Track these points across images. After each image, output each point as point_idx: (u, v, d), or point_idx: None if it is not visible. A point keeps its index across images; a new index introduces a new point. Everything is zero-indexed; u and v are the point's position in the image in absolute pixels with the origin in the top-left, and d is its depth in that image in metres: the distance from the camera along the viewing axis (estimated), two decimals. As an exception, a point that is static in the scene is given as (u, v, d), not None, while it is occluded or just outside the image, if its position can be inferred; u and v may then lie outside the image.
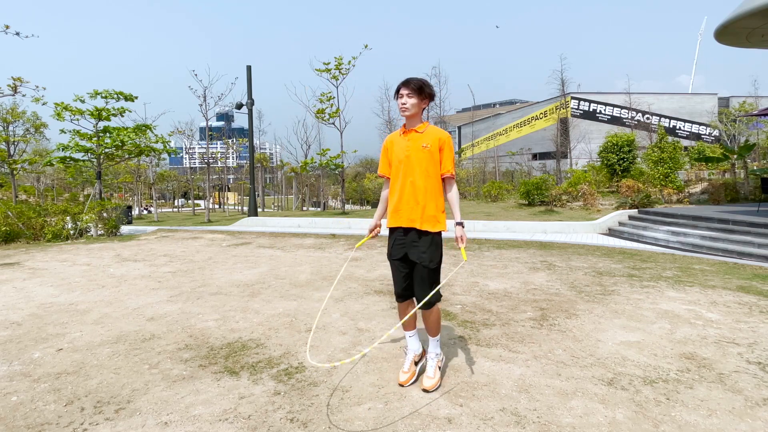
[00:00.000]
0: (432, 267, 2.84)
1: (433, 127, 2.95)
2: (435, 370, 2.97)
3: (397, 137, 2.99)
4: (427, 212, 2.85)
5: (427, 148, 2.86)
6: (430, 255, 2.84)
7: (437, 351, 3.02)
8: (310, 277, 6.38)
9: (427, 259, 2.83)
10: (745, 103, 28.41)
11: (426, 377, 2.94)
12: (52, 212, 11.87)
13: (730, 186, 14.54)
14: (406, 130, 2.93)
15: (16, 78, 12.94)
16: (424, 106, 2.93)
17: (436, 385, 2.91)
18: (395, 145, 2.98)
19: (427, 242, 2.85)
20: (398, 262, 2.95)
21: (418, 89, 2.85)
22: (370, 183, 31.92)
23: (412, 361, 3.08)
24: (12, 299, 5.33)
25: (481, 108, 64.82)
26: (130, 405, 2.78)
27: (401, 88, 2.88)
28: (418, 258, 2.85)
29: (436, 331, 2.99)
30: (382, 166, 3.09)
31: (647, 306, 4.71)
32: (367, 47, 18.84)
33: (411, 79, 2.89)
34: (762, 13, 9.34)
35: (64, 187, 34.90)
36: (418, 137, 2.88)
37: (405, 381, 2.97)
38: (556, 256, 7.75)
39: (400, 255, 2.93)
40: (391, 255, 2.99)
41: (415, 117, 2.90)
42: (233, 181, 41.29)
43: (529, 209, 15.34)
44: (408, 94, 2.85)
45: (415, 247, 2.87)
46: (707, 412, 2.62)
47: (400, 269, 2.95)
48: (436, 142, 2.87)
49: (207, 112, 20.13)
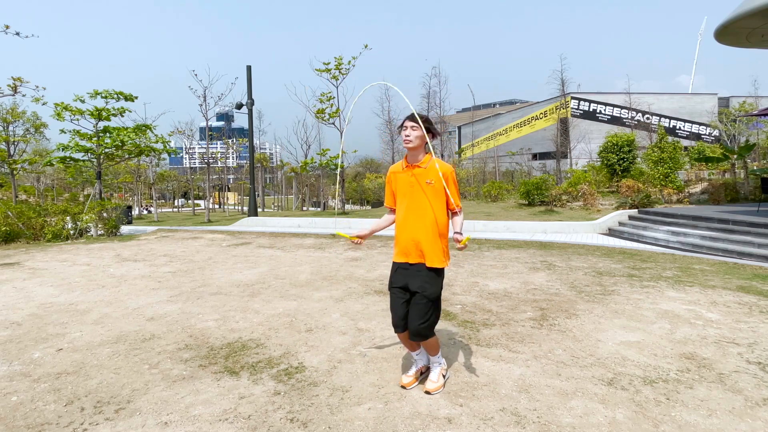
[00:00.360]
0: (431, 298, 2.84)
1: (436, 160, 2.95)
2: (439, 376, 3.00)
3: (400, 171, 3.00)
4: (432, 249, 2.86)
5: (432, 184, 2.88)
6: (432, 287, 2.85)
7: (440, 361, 3.05)
8: (310, 277, 6.38)
9: (429, 290, 2.84)
10: (745, 103, 28.41)
11: (429, 380, 2.97)
12: (52, 212, 11.87)
13: (730, 186, 14.54)
14: (409, 165, 2.95)
15: (16, 78, 12.94)
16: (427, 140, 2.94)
17: (439, 390, 2.92)
18: (399, 179, 3.00)
19: (430, 275, 2.87)
20: (398, 290, 2.95)
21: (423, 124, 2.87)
22: (370, 183, 31.93)
23: (418, 370, 3.11)
24: (12, 299, 5.33)
25: (481, 108, 64.85)
26: (130, 405, 2.78)
27: (405, 121, 2.91)
28: (419, 288, 2.85)
29: (434, 351, 3.01)
30: (388, 199, 3.13)
31: (647, 306, 4.71)
32: (367, 47, 18.84)
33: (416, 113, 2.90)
34: (762, 13, 9.34)
35: (64, 187, 34.89)
36: (422, 173, 2.90)
37: (407, 384, 3.00)
38: (556, 256, 7.75)
39: (401, 283, 2.93)
40: (392, 284, 3.00)
41: (418, 149, 2.92)
42: (233, 181, 41.29)
43: (529, 209, 15.34)
44: (412, 127, 2.87)
45: (418, 277, 2.88)
46: (707, 412, 2.62)
47: (399, 296, 2.94)
48: (440, 179, 2.88)
49: (207, 112, 20.12)
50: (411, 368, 3.11)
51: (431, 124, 2.95)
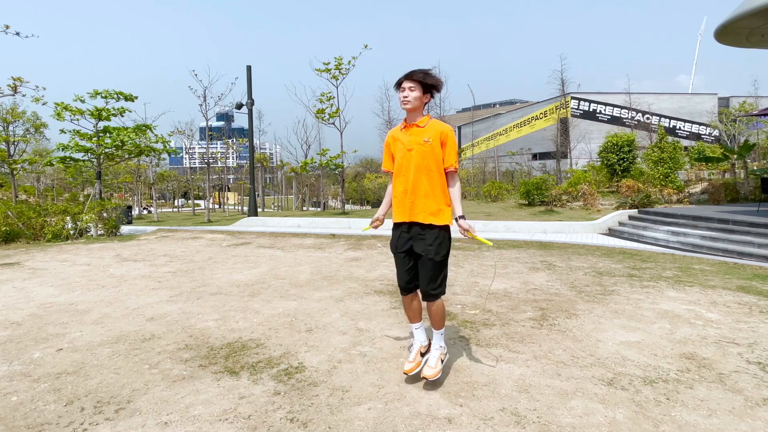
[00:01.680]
0: (437, 260, 2.83)
1: (435, 121, 2.92)
2: (437, 361, 2.97)
3: (399, 132, 2.98)
4: (431, 206, 2.84)
5: (429, 142, 2.84)
6: (436, 247, 2.82)
7: (441, 344, 3.02)
8: (310, 277, 6.38)
9: (433, 252, 2.81)
10: (745, 103, 28.41)
11: (427, 366, 2.94)
12: (52, 212, 11.87)
13: (730, 186, 14.54)
14: (408, 125, 2.91)
15: (16, 78, 12.94)
16: (427, 100, 2.90)
17: (436, 375, 2.89)
18: (397, 140, 2.97)
19: (433, 235, 2.84)
20: (403, 255, 2.94)
21: (421, 82, 2.81)
22: (370, 183, 31.93)
23: (418, 352, 3.08)
24: (12, 299, 5.33)
25: (481, 108, 64.81)
26: (130, 405, 2.78)
27: (403, 81, 2.84)
28: (423, 250, 2.83)
29: (439, 324, 2.99)
30: (386, 162, 3.09)
31: (647, 306, 4.71)
32: (367, 47, 18.84)
33: (414, 71, 2.85)
34: (762, 13, 9.35)
35: (64, 187, 34.89)
36: (419, 132, 2.86)
37: (409, 370, 2.98)
38: (556, 256, 7.75)
39: (405, 247, 2.91)
40: (395, 247, 2.98)
41: (417, 111, 2.88)
42: (233, 181, 41.27)
43: (529, 209, 15.34)
44: (410, 87, 2.81)
45: (421, 239, 2.85)
46: (707, 412, 2.62)
47: (404, 262, 2.94)
48: (437, 136, 2.85)
49: (207, 112, 20.12)
50: (411, 352, 3.09)
51: (429, 76, 2.83)
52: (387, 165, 3.09)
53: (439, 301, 2.95)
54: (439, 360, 2.99)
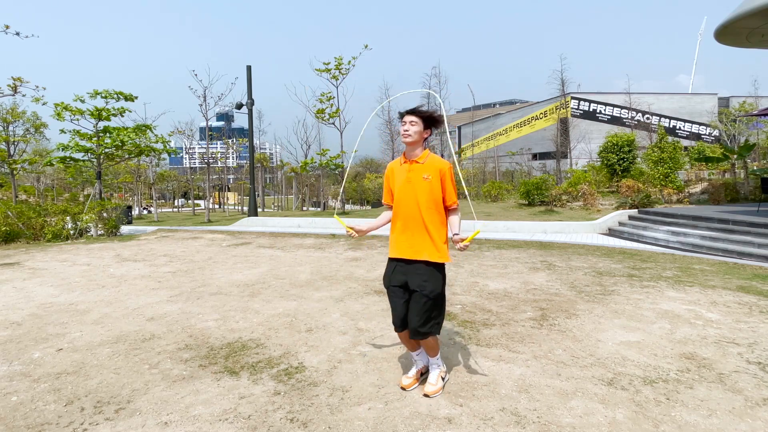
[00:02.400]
0: (432, 296, 2.76)
1: (434, 157, 2.91)
2: (437, 378, 2.95)
3: (398, 167, 2.97)
4: (429, 244, 2.81)
5: (428, 179, 2.83)
6: (432, 285, 2.77)
7: (439, 363, 3.00)
8: (310, 277, 6.38)
9: (429, 289, 2.76)
10: (745, 103, 28.41)
11: (428, 383, 2.93)
12: (52, 212, 11.87)
13: (730, 186, 14.54)
14: (407, 160, 2.91)
15: (16, 78, 12.94)
16: (426, 135, 2.90)
17: (437, 393, 2.88)
18: (396, 175, 2.96)
19: (429, 272, 2.80)
20: (397, 289, 2.87)
21: (423, 118, 2.83)
22: (370, 183, 31.93)
23: (418, 371, 3.07)
24: (12, 299, 5.33)
25: (481, 108, 64.83)
26: (130, 405, 2.78)
27: (406, 115, 2.86)
28: (418, 286, 2.77)
29: (434, 352, 2.96)
30: (386, 196, 3.09)
31: (647, 306, 4.71)
32: (367, 47, 18.85)
33: (418, 107, 2.86)
34: (762, 13, 9.34)
35: (64, 187, 34.88)
36: (419, 168, 2.86)
37: (407, 385, 2.96)
38: (556, 256, 7.75)
39: (400, 282, 2.85)
40: (389, 281, 2.91)
41: (416, 145, 2.88)
42: (233, 181, 41.27)
43: (529, 209, 15.34)
44: (412, 122, 2.82)
45: (417, 275, 2.80)
46: (707, 412, 2.62)
47: (399, 295, 2.87)
48: (437, 174, 2.84)
49: (207, 112, 20.11)
50: (411, 369, 3.09)
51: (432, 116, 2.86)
52: (387, 198, 3.08)
53: (429, 339, 2.87)
54: (440, 377, 2.97)
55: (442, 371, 3.03)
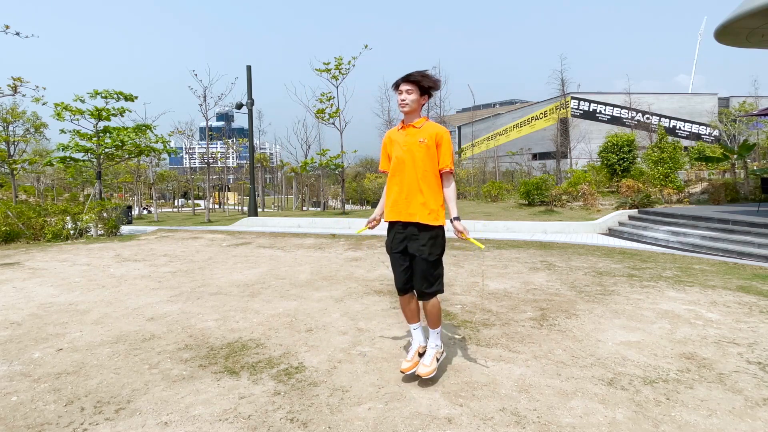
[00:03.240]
0: (431, 260, 2.85)
1: (431, 123, 2.96)
2: (432, 359, 2.98)
3: (396, 133, 3.01)
4: (425, 206, 2.86)
5: (425, 143, 2.87)
6: (430, 248, 2.85)
7: (437, 342, 3.04)
8: (310, 277, 6.38)
9: (427, 252, 2.84)
10: (745, 103, 28.42)
11: (422, 364, 2.95)
12: (52, 212, 11.87)
13: (730, 186, 14.54)
14: (404, 126, 2.94)
15: (16, 78, 12.94)
16: (424, 102, 2.93)
17: (431, 374, 2.91)
18: (394, 140, 3.01)
19: (427, 235, 2.87)
20: (398, 255, 2.97)
21: (419, 84, 2.84)
22: (370, 183, 31.93)
23: (416, 352, 3.11)
24: (12, 299, 5.33)
25: (481, 108, 64.82)
26: (130, 405, 2.78)
27: (401, 84, 2.87)
28: (417, 251, 2.86)
29: (435, 323, 3.01)
30: (383, 162, 3.12)
31: (647, 306, 4.71)
32: (367, 47, 18.84)
33: (412, 73, 2.87)
34: (762, 13, 9.34)
35: (64, 187, 34.89)
36: (415, 132, 2.90)
37: (406, 369, 3.01)
38: (556, 256, 7.75)
39: (399, 248, 2.95)
40: (390, 248, 3.02)
41: (414, 113, 2.91)
42: (233, 181, 41.27)
43: (529, 209, 15.34)
44: (408, 90, 2.84)
45: (415, 240, 2.88)
46: (707, 412, 2.62)
47: (400, 262, 2.97)
48: (433, 137, 2.88)
49: (207, 112, 20.12)
50: (409, 352, 3.12)
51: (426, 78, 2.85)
52: (384, 165, 3.12)
53: (434, 300, 2.97)
54: (435, 358, 3.00)
55: (438, 352, 3.05)
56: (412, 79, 2.84)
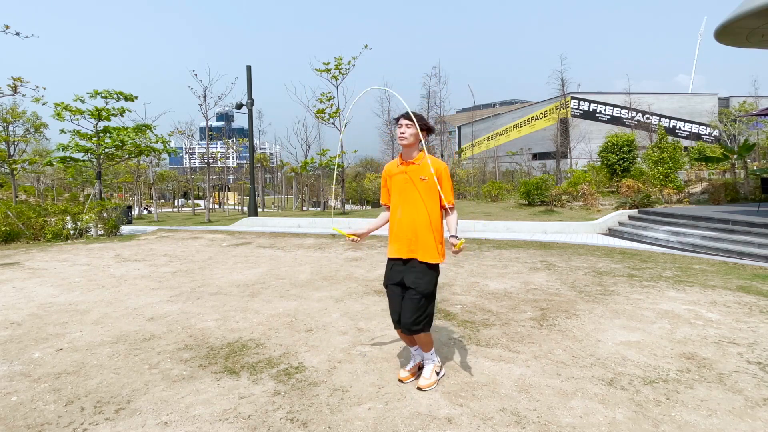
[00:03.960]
0: (424, 294, 2.86)
1: (429, 158, 2.98)
2: (432, 373, 3.03)
3: (395, 168, 3.05)
4: (426, 244, 2.90)
5: (425, 180, 2.91)
6: (426, 283, 2.88)
7: (433, 359, 3.09)
8: (310, 277, 6.38)
9: (422, 286, 2.86)
10: (745, 103, 28.41)
11: (422, 377, 3.01)
12: (52, 212, 11.87)
13: (730, 186, 14.54)
14: (404, 162, 2.98)
15: (16, 78, 12.94)
16: (421, 139, 2.98)
17: (431, 386, 2.96)
18: (393, 176, 3.05)
19: (423, 270, 2.90)
20: (395, 287, 2.99)
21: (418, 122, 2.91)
22: (370, 183, 31.93)
23: (416, 365, 3.16)
24: (12, 299, 5.33)
25: (481, 108, 64.82)
26: (130, 405, 2.78)
27: (401, 119, 2.95)
28: (413, 283, 2.88)
29: (427, 347, 3.04)
30: (383, 196, 3.20)
31: (647, 306, 4.71)
32: (367, 47, 18.83)
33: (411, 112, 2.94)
34: (762, 13, 9.34)
35: (64, 187, 34.89)
36: (415, 169, 2.95)
37: (404, 378, 3.06)
38: (556, 256, 7.75)
39: (397, 279, 2.97)
40: (388, 280, 3.03)
41: (412, 147, 2.97)
42: (233, 181, 41.27)
43: (529, 209, 15.34)
44: (407, 125, 2.91)
45: (413, 272, 2.91)
46: (707, 412, 2.62)
47: (396, 293, 2.98)
48: (432, 175, 2.91)
49: (207, 112, 20.12)
50: (409, 363, 3.17)
51: (426, 121, 2.98)
52: (384, 199, 3.19)
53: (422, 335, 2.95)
54: (434, 372, 3.04)
55: (437, 366, 3.10)
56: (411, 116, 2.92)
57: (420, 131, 2.91)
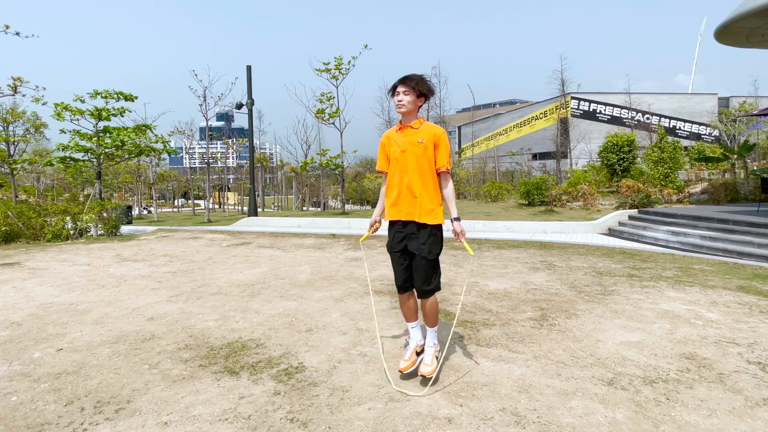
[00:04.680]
0: (430, 258, 2.90)
1: (428, 123, 3.01)
2: (432, 358, 3.03)
3: (394, 133, 3.05)
4: (424, 206, 2.91)
5: (422, 143, 2.92)
6: (429, 246, 2.91)
7: (435, 341, 3.09)
8: (310, 277, 6.38)
9: (426, 251, 2.89)
10: (745, 103, 28.40)
11: (423, 364, 3.01)
12: (52, 212, 11.87)
13: (730, 186, 14.54)
14: (402, 126, 2.99)
15: (16, 78, 12.94)
16: (420, 103, 2.98)
17: (433, 373, 2.95)
18: (392, 141, 3.05)
19: (425, 234, 2.92)
20: (398, 254, 3.02)
21: (415, 87, 2.90)
22: (370, 183, 31.93)
23: (413, 351, 3.16)
24: (12, 299, 5.33)
25: (481, 108, 64.76)
26: (130, 405, 2.78)
27: (398, 86, 2.93)
28: (417, 249, 2.91)
29: (433, 321, 3.06)
30: (381, 162, 3.16)
31: (647, 306, 4.71)
32: (367, 47, 18.84)
33: (408, 76, 2.94)
34: (762, 13, 9.34)
35: (64, 187, 34.89)
36: (413, 133, 2.95)
37: (404, 368, 3.04)
38: (556, 256, 7.75)
39: (399, 247, 3.00)
40: (391, 247, 3.06)
41: (411, 114, 2.97)
42: (233, 181, 41.28)
43: (529, 209, 15.34)
44: (404, 92, 2.90)
45: (415, 238, 2.93)
46: (707, 412, 2.62)
47: (400, 261, 3.02)
48: (431, 138, 2.93)
49: (207, 112, 20.14)
50: (407, 352, 3.16)
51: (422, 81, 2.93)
52: (381, 165, 3.17)
53: (433, 298, 3.02)
54: (434, 357, 3.05)
55: (436, 350, 3.11)
56: (408, 81, 2.90)
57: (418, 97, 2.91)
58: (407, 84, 2.88)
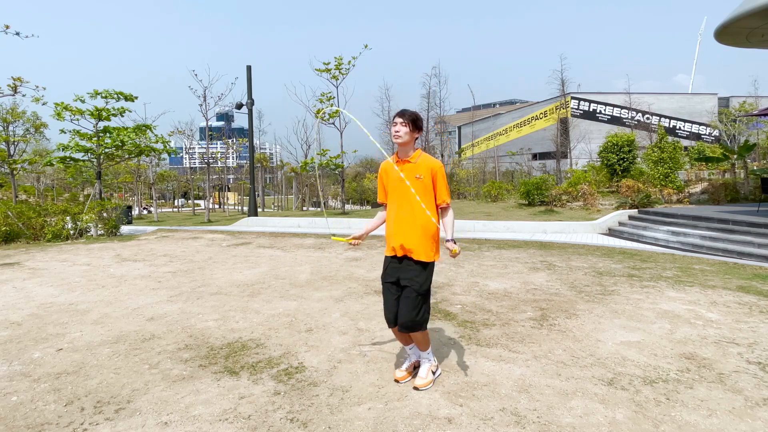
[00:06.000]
0: (420, 291, 2.90)
1: (425, 156, 3.04)
2: (428, 372, 3.04)
3: (391, 167, 3.06)
4: (419, 242, 2.92)
5: (421, 179, 2.94)
6: (421, 281, 2.91)
7: (430, 358, 3.10)
8: (310, 277, 6.38)
9: (417, 284, 2.89)
10: (745, 103, 28.39)
11: (419, 377, 3.02)
12: (52, 212, 11.87)
13: (730, 186, 14.53)
14: (400, 160, 3.01)
15: (16, 78, 12.93)
16: (417, 136, 3.02)
17: (427, 386, 2.97)
18: (390, 174, 3.08)
19: (419, 269, 2.93)
20: (390, 285, 3.02)
21: (412, 121, 2.96)
22: (370, 183, 31.93)
23: (411, 364, 3.19)
24: (12, 299, 5.33)
25: (481, 108, 64.74)
26: (130, 405, 2.78)
27: (396, 118, 2.99)
28: (408, 281, 2.91)
29: (424, 346, 3.07)
30: (380, 194, 3.22)
31: (647, 306, 4.71)
32: (367, 47, 18.83)
33: (405, 110, 3.00)
34: (762, 13, 9.34)
35: (64, 187, 34.88)
36: (411, 167, 2.98)
37: (400, 378, 3.06)
38: (556, 256, 7.75)
39: (392, 278, 3.00)
40: (384, 278, 3.07)
41: (408, 145, 3.00)
42: (233, 181, 41.28)
43: (529, 209, 15.34)
44: (402, 123, 2.95)
45: (408, 270, 2.94)
46: (707, 412, 2.62)
47: (392, 292, 3.01)
48: (428, 173, 2.95)
49: (207, 112, 20.13)
50: (404, 363, 3.18)
51: (418, 118, 3.01)
52: (381, 197, 3.21)
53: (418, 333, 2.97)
54: (430, 371, 3.06)
55: (433, 365, 3.11)
56: (406, 115, 2.97)
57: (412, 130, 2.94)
58: (405, 117, 2.95)
